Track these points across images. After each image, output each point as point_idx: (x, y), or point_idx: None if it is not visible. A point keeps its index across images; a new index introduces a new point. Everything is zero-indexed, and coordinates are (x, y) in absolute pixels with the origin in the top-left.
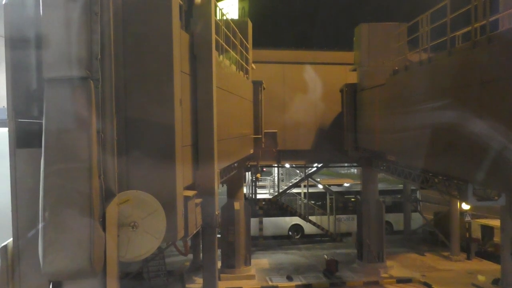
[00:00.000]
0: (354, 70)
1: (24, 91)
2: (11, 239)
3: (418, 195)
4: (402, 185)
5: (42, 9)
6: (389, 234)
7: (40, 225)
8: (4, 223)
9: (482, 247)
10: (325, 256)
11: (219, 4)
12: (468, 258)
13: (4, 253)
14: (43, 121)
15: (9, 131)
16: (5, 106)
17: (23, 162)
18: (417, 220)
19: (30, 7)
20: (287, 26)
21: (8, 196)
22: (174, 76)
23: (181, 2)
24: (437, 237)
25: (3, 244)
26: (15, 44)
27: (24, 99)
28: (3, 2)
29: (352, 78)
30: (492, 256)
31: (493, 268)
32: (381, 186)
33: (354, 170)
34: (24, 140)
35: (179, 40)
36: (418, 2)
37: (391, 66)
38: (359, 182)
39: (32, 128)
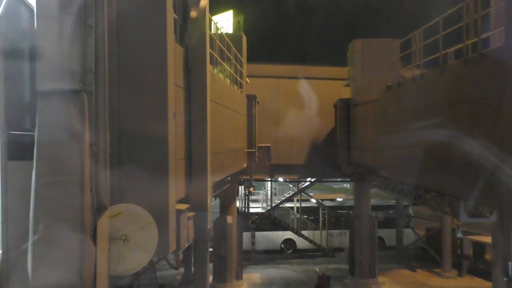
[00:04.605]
0: (348, 85)
1: (17, 103)
2: (0, 251)
3: (410, 211)
4: (394, 201)
5: (36, 22)
6: (381, 250)
7: (30, 238)
8: None
9: (474, 264)
10: (317, 269)
11: (214, 18)
12: (460, 275)
13: None
14: (35, 134)
15: (0, 143)
16: None
17: (14, 174)
18: (409, 236)
19: (24, 20)
20: (282, 41)
21: None
22: (168, 89)
23: (176, 16)
24: (429, 253)
25: None
26: (8, 56)
27: (16, 111)
28: None
29: (346, 93)
30: (484, 273)
31: (484, 285)
32: (373, 201)
33: (347, 185)
34: (15, 152)
35: (174, 54)
36: (411, 18)
37: (384, 82)
38: (352, 197)
39: (24, 141)
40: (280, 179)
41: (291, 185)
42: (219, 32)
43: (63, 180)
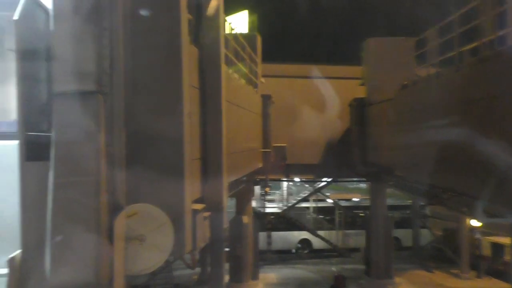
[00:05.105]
0: (363, 84)
1: (33, 104)
2: (20, 250)
3: (427, 210)
4: (411, 201)
5: (52, 24)
6: (397, 250)
7: (48, 238)
8: (13, 234)
9: (492, 265)
10: (333, 269)
11: (228, 18)
12: (479, 276)
13: (12, 264)
14: (52, 135)
15: (18, 144)
16: (15, 119)
17: (32, 175)
18: (426, 236)
19: (41, 22)
20: (296, 40)
21: (17, 208)
22: (183, 90)
23: (190, 17)
24: (446, 254)
25: (11, 256)
26: (25, 58)
27: (33, 112)
28: (14, 17)
29: (361, 92)
30: (503, 274)
31: (503, 287)
32: (389, 201)
33: (363, 185)
34: (33, 153)
35: (188, 54)
36: (426, 17)
37: (399, 81)
38: (368, 197)
39: (41, 141)
40: (296, 179)
41: (306, 185)
42: (234, 32)
43: (79, 180)
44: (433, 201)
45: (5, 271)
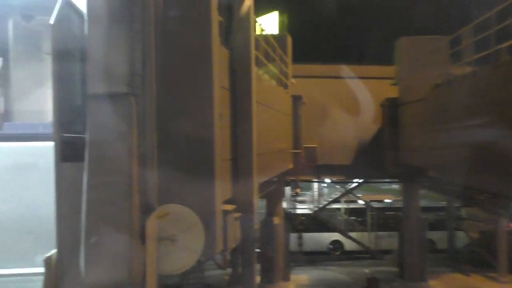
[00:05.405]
0: (395, 84)
1: (68, 106)
2: (55, 250)
3: (462, 212)
4: (445, 202)
5: (87, 28)
6: (432, 253)
7: (82, 238)
8: (49, 234)
9: None
10: (366, 271)
11: (259, 19)
12: None
13: (48, 263)
14: (86, 136)
15: (54, 145)
16: (51, 121)
17: (67, 176)
18: (461, 238)
19: (76, 26)
20: (327, 41)
21: (53, 208)
22: (213, 92)
23: (221, 18)
24: (482, 256)
25: (47, 255)
26: (61, 61)
27: (68, 114)
28: (51, 22)
29: (392, 92)
30: None
31: None
32: (423, 202)
33: (396, 186)
34: (68, 154)
35: (219, 56)
36: (459, 14)
37: (432, 80)
38: (401, 199)
39: (76, 143)
40: (327, 180)
41: (338, 186)
42: (264, 33)
43: (112, 181)
44: (468, 203)
45: (41, 270)
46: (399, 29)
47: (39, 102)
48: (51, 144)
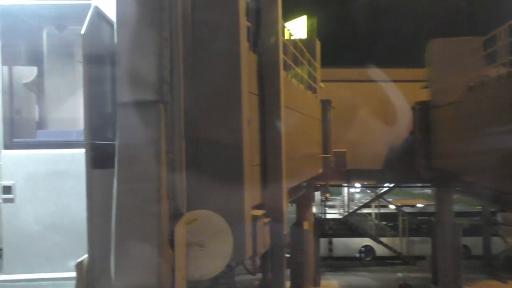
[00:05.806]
0: (426, 87)
1: (99, 114)
2: (86, 255)
3: (498, 217)
4: (480, 207)
5: (116, 37)
6: (467, 259)
7: (113, 244)
8: (82, 240)
9: None
10: (399, 275)
11: (287, 23)
12: None
13: (80, 268)
14: (116, 143)
15: (85, 152)
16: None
17: (98, 182)
18: (498, 244)
19: (106, 35)
20: (356, 44)
21: (85, 214)
22: (242, 97)
23: (249, 24)
24: None
25: (79, 260)
26: (92, 69)
27: (99, 121)
28: (82, 31)
29: (423, 95)
30: None
31: None
32: (457, 207)
33: (428, 190)
34: (98, 161)
35: (247, 61)
36: (493, 14)
37: (465, 82)
38: (433, 203)
39: (106, 150)
40: (357, 185)
41: (368, 191)
42: (292, 37)
43: (141, 187)
44: (504, 208)
45: (73, 274)
46: (430, 30)
47: (73, 109)
48: (83, 151)
